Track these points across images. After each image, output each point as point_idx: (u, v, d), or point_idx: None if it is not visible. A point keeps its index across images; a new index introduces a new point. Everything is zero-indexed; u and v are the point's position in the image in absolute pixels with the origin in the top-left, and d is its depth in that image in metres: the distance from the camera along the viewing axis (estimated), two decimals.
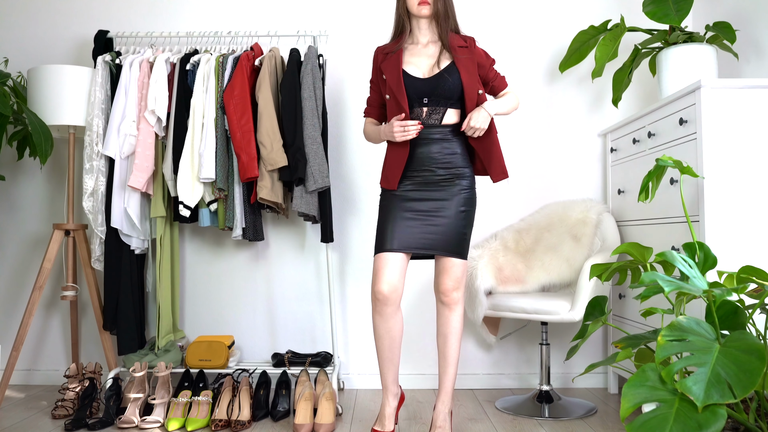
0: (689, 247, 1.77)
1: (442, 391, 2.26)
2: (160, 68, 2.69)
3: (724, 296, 1.51)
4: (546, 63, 3.10)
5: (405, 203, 2.22)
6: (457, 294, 2.24)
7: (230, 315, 3.07)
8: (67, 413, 2.56)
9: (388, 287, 2.16)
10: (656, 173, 1.92)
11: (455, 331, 2.26)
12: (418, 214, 2.20)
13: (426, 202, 2.21)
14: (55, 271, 3.09)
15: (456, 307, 2.25)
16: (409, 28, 2.28)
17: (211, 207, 2.72)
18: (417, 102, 2.22)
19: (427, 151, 2.23)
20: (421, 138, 2.23)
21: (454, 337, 2.26)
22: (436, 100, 2.21)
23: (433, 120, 2.23)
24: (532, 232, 2.88)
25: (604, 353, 3.02)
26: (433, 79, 2.20)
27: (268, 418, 2.54)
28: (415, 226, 2.20)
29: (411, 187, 2.24)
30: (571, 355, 1.91)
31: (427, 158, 2.23)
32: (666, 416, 1.40)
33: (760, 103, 2.07)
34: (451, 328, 2.25)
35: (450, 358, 2.26)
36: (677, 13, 2.40)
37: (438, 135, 2.23)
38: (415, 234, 2.19)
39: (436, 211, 2.21)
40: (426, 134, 2.23)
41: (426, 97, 2.20)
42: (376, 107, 2.37)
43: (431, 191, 2.22)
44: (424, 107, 2.23)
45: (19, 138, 2.92)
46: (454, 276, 2.22)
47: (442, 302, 2.25)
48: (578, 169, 3.07)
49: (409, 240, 2.19)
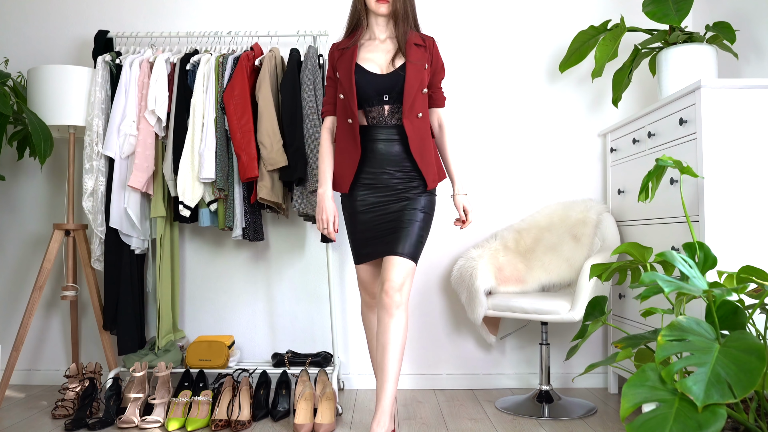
0: (689, 247, 1.77)
1: (378, 409, 2.03)
2: (160, 68, 2.69)
3: (724, 296, 1.51)
4: (546, 63, 3.10)
5: (363, 213, 2.15)
6: (400, 296, 2.03)
7: (230, 315, 3.07)
8: (67, 413, 2.56)
9: (370, 287, 2.25)
10: (656, 173, 1.92)
11: (395, 341, 2.02)
12: (377, 224, 2.13)
13: (385, 206, 2.14)
14: (55, 271, 3.09)
15: (397, 311, 2.02)
16: (365, 23, 2.18)
17: (211, 207, 2.72)
18: (377, 99, 2.11)
19: (386, 152, 2.13)
20: (380, 137, 2.13)
21: (394, 348, 2.02)
22: (397, 97, 2.10)
23: (395, 119, 2.13)
24: (532, 232, 2.88)
25: (604, 353, 3.02)
26: (392, 76, 2.10)
27: (268, 418, 2.54)
28: (375, 234, 2.14)
29: (366, 192, 2.15)
30: (571, 355, 1.91)
31: (386, 159, 2.13)
32: (666, 416, 1.40)
33: (760, 103, 2.07)
34: (390, 337, 2.02)
35: (388, 372, 2.01)
36: (677, 13, 2.39)
37: (399, 136, 2.14)
38: (377, 243, 2.13)
39: (394, 214, 2.12)
40: (387, 134, 2.13)
41: (386, 93, 2.10)
42: (334, 104, 2.25)
43: (389, 195, 2.14)
44: (386, 105, 2.12)
45: (19, 138, 2.92)
46: (400, 272, 2.04)
47: (383, 304, 2.03)
48: (578, 169, 3.07)
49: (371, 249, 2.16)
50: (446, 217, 3.03)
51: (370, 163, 2.15)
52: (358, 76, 2.11)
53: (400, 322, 2.03)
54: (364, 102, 2.14)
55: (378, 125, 2.15)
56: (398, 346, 2.02)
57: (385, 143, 2.14)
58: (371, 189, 2.15)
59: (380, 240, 2.13)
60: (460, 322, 3.04)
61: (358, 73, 2.12)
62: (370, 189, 2.15)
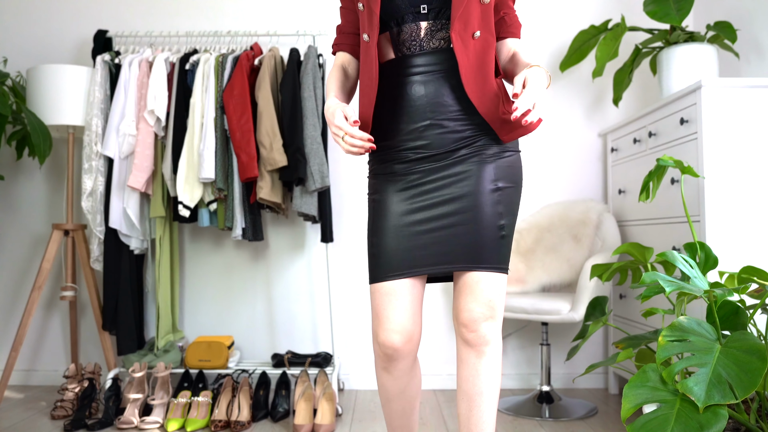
0: (690, 247, 1.77)
1: None
2: (160, 68, 2.68)
3: (725, 296, 1.50)
4: (546, 63, 3.09)
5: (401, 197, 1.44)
6: (490, 327, 1.41)
7: (230, 315, 3.06)
8: (66, 414, 2.56)
9: (398, 336, 1.42)
10: (657, 173, 1.92)
11: (489, 390, 1.43)
12: (422, 209, 1.43)
13: (432, 185, 1.43)
14: (54, 271, 3.09)
15: (487, 348, 1.42)
16: None
17: (211, 207, 2.72)
18: (410, 12, 1.44)
19: (432, 95, 1.43)
20: (415, 72, 1.44)
21: (487, 401, 1.43)
22: (440, 7, 1.42)
23: (437, 40, 1.44)
24: (533, 232, 2.88)
25: (605, 354, 3.02)
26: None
27: (268, 419, 2.54)
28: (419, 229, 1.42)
29: (404, 164, 1.45)
30: (572, 355, 1.91)
31: (432, 106, 1.42)
32: (667, 417, 1.40)
33: (760, 103, 2.07)
34: (481, 386, 1.43)
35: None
36: (678, 13, 2.39)
37: (447, 67, 1.43)
38: (423, 242, 1.42)
39: (448, 196, 1.42)
40: (427, 66, 1.44)
41: (424, 3, 1.43)
42: (350, 34, 1.57)
43: (439, 167, 1.43)
44: (422, 21, 1.44)
45: (18, 138, 2.92)
46: (483, 297, 1.40)
47: (465, 340, 1.43)
48: (578, 169, 3.07)
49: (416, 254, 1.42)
50: None
51: (405, 116, 1.45)
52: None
53: (492, 363, 1.43)
54: (390, 17, 1.45)
55: (412, 54, 1.45)
56: (492, 398, 1.44)
57: (423, 81, 1.44)
58: (410, 160, 1.45)
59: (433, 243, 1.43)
60: None
61: None
62: (409, 160, 1.45)
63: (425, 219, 1.42)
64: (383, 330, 1.43)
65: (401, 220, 1.44)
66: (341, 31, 1.59)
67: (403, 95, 1.45)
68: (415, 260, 1.42)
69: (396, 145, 1.46)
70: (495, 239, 1.41)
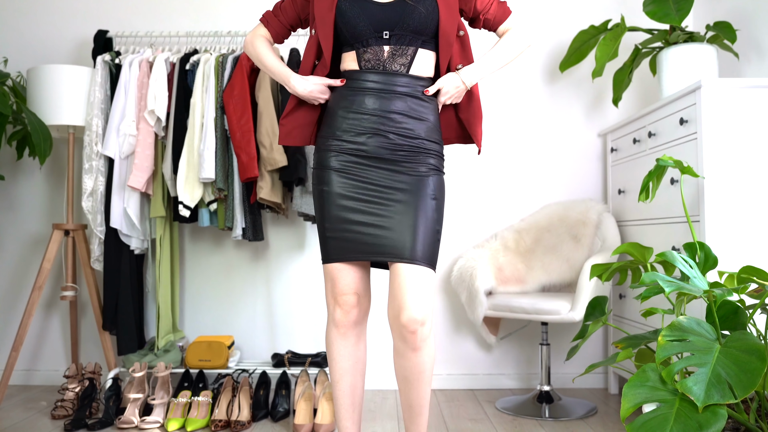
0: (690, 247, 1.77)
1: None
2: (160, 68, 2.69)
3: (724, 296, 1.50)
4: (546, 63, 3.09)
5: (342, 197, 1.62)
6: (424, 328, 1.56)
7: (230, 315, 3.06)
8: (66, 413, 2.56)
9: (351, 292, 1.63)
10: (656, 173, 1.92)
11: (425, 374, 1.61)
12: (361, 205, 1.61)
13: (374, 185, 1.61)
14: (54, 271, 3.09)
15: (423, 344, 1.58)
16: None
17: (211, 207, 2.72)
18: (374, 37, 1.60)
19: (385, 108, 1.60)
20: (377, 89, 1.61)
21: (423, 382, 1.61)
22: (401, 35, 1.59)
23: (398, 65, 1.61)
24: (532, 232, 2.88)
25: (605, 353, 3.02)
26: (397, 5, 1.58)
27: (268, 419, 2.54)
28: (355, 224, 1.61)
29: (352, 160, 1.62)
30: (572, 355, 1.91)
31: (382, 118, 1.60)
32: (666, 416, 1.40)
33: (760, 103, 2.07)
34: (419, 372, 1.60)
35: (417, 407, 1.64)
36: (678, 13, 2.39)
37: (404, 88, 1.61)
38: (357, 236, 1.61)
39: (391, 196, 1.60)
40: (386, 83, 1.60)
41: (387, 30, 1.59)
42: (281, 24, 1.79)
43: (384, 168, 1.61)
44: (386, 45, 1.60)
45: (19, 138, 2.92)
46: (418, 295, 1.55)
47: (402, 338, 1.57)
48: (578, 169, 3.07)
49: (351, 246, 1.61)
50: (447, 215, 3.03)
51: (356, 120, 1.62)
52: (344, 3, 1.60)
53: (426, 354, 1.60)
54: (356, 39, 1.63)
55: (374, 70, 1.63)
56: (428, 379, 1.62)
57: (385, 96, 1.60)
58: (360, 157, 1.62)
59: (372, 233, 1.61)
60: (460, 322, 3.04)
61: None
62: (359, 157, 1.62)
63: (362, 215, 1.61)
64: (338, 289, 1.63)
65: (338, 218, 1.62)
66: (275, 13, 1.79)
67: (359, 101, 1.63)
68: (349, 250, 1.61)
69: (345, 143, 1.64)
70: (433, 241, 1.61)
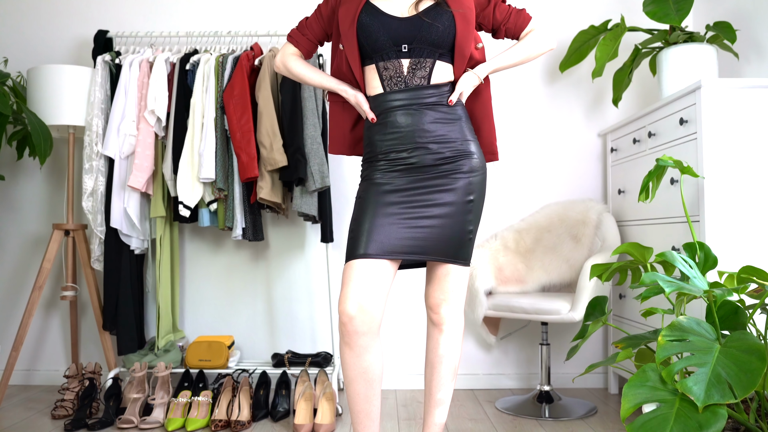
0: (689, 247, 1.77)
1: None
2: (160, 68, 2.69)
3: (724, 296, 1.50)
4: (546, 63, 3.09)
5: (387, 195, 1.67)
6: (449, 309, 1.72)
7: (230, 315, 3.06)
8: (66, 413, 2.56)
9: (357, 308, 1.58)
10: (656, 173, 1.92)
11: (445, 359, 1.73)
12: (405, 207, 1.66)
13: (416, 191, 1.67)
14: (54, 271, 3.09)
15: (446, 327, 1.73)
16: None
17: (211, 207, 2.72)
18: (393, 51, 1.65)
19: (417, 121, 1.67)
20: (405, 105, 1.67)
21: (445, 369, 1.73)
22: (419, 48, 1.64)
23: (418, 78, 1.66)
24: (532, 232, 2.88)
25: (605, 353, 3.02)
26: (416, 20, 1.63)
27: (268, 419, 2.54)
28: (399, 222, 1.65)
29: (395, 174, 1.69)
30: (572, 355, 1.91)
31: (417, 131, 1.66)
32: (666, 416, 1.40)
33: (760, 103, 2.07)
34: (438, 356, 1.73)
35: (435, 396, 1.73)
36: (677, 13, 2.39)
37: (431, 98, 1.67)
38: (401, 234, 1.64)
39: (430, 201, 1.67)
40: (413, 99, 1.66)
41: (406, 43, 1.63)
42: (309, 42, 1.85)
43: (425, 177, 1.68)
44: (405, 59, 1.65)
45: (19, 138, 2.92)
46: (446, 286, 1.72)
47: (430, 319, 1.76)
48: (578, 169, 3.07)
49: (393, 242, 1.63)
50: None
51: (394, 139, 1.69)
52: (365, 17, 1.65)
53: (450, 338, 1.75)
54: (375, 52, 1.68)
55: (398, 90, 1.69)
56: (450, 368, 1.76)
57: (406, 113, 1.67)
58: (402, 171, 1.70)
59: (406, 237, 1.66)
60: None
61: (367, 13, 1.66)
62: (401, 171, 1.70)
63: (406, 216, 1.66)
64: (345, 298, 1.60)
65: (382, 213, 1.66)
66: (302, 31, 1.84)
67: (391, 122, 1.70)
68: (391, 246, 1.63)
69: (387, 158, 1.71)
70: (465, 240, 1.71)
